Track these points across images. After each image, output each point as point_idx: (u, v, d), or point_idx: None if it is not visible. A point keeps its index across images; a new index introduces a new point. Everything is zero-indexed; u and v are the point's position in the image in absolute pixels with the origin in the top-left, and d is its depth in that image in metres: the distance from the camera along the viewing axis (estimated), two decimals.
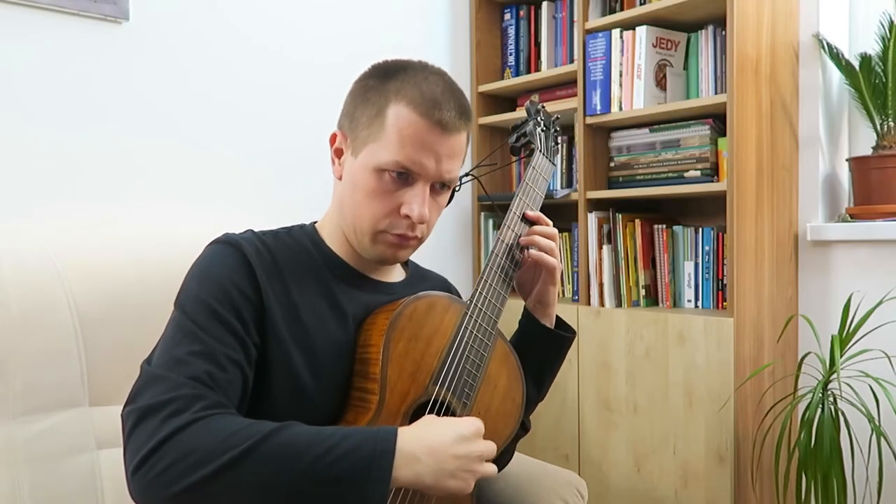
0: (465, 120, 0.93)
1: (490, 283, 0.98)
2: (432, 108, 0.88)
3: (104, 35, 1.44)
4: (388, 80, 0.91)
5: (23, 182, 1.34)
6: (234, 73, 1.66)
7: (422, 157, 0.89)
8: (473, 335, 0.94)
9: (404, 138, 0.88)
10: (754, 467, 1.66)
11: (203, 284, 0.86)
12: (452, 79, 0.95)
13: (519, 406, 1.01)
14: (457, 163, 0.94)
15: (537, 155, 1.11)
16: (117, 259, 1.20)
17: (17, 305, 1.06)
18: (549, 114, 1.21)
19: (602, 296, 1.91)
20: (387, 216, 0.91)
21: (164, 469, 0.72)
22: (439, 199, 0.95)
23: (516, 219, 1.04)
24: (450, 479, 0.79)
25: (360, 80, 0.96)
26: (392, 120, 0.89)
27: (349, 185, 0.93)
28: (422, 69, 0.93)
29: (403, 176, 0.90)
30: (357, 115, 0.93)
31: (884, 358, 1.59)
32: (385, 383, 0.87)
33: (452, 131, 0.90)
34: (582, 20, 1.92)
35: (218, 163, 1.63)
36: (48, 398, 1.07)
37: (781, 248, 1.79)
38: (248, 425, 0.75)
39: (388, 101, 0.90)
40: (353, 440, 0.75)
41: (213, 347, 0.81)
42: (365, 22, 1.92)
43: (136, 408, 0.77)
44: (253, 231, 0.96)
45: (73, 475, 1.07)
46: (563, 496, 1.18)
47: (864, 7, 1.87)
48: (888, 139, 1.72)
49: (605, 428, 1.86)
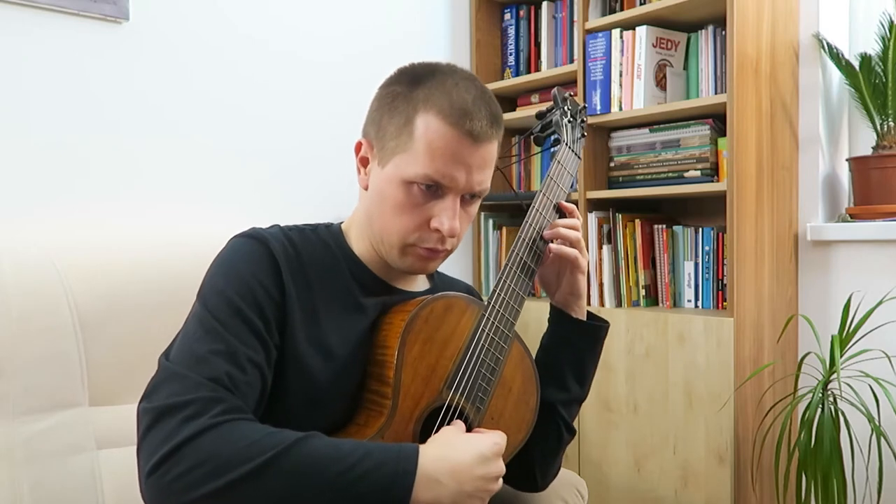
0: (497, 128, 0.89)
1: (508, 284, 0.95)
2: (463, 117, 0.84)
3: (104, 35, 1.44)
4: (416, 88, 0.87)
5: (23, 182, 1.34)
6: (235, 72, 1.66)
7: (452, 170, 0.85)
8: (490, 338, 0.92)
9: (434, 150, 0.84)
10: (754, 467, 1.66)
11: (228, 279, 0.83)
12: (482, 83, 0.91)
13: (533, 410, 0.98)
14: (488, 173, 0.90)
15: (563, 148, 1.06)
16: (117, 259, 1.20)
17: (17, 306, 1.06)
18: (576, 103, 1.14)
19: (602, 296, 1.91)
20: (416, 230, 0.88)
21: (181, 475, 0.71)
22: (470, 209, 0.92)
23: (539, 215, 1.00)
24: (467, 499, 0.79)
25: (385, 86, 0.91)
26: (421, 130, 0.85)
27: (376, 197, 0.90)
28: (451, 74, 0.88)
29: (433, 189, 0.86)
30: (384, 123, 0.89)
31: (884, 358, 1.58)
32: (399, 388, 0.85)
33: (484, 141, 0.86)
34: (582, 20, 1.92)
35: (218, 162, 1.63)
36: (48, 398, 1.07)
37: (781, 248, 1.79)
38: (267, 434, 0.74)
39: (417, 110, 0.86)
40: (376, 458, 0.75)
41: (234, 347, 0.79)
42: (365, 22, 1.92)
43: (152, 406, 0.75)
44: (279, 227, 0.93)
45: (73, 475, 1.07)
46: (563, 496, 1.17)
47: (864, 7, 1.87)
48: (888, 139, 1.72)
49: (605, 428, 1.86)
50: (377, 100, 0.92)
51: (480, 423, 0.92)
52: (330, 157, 1.81)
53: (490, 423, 0.93)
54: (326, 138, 1.82)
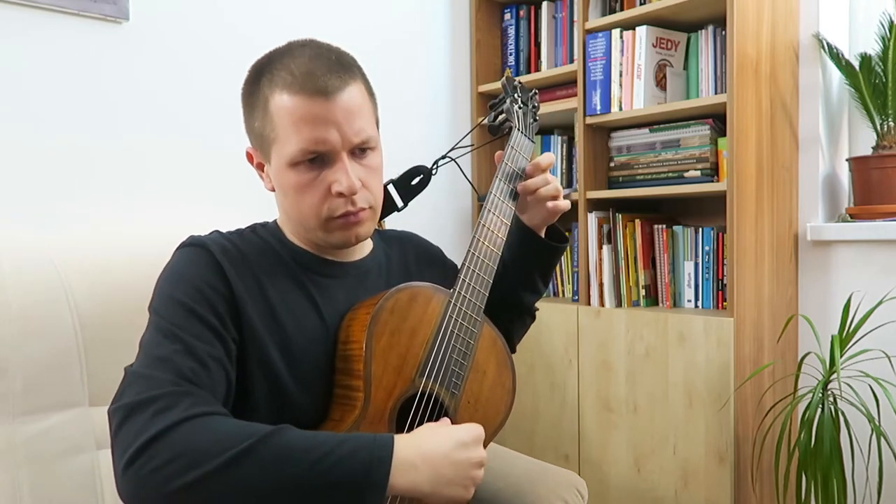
0: (345, 74, 0.89)
1: (473, 270, 0.96)
2: (306, 80, 0.86)
3: (104, 35, 1.44)
4: (260, 77, 0.90)
5: (22, 182, 1.34)
6: (235, 72, 1.65)
7: (321, 133, 0.86)
8: (459, 323, 0.93)
9: (296, 123, 0.86)
10: (754, 467, 1.66)
11: (175, 286, 0.85)
12: (320, 42, 0.92)
13: (510, 391, 1.00)
14: (360, 119, 0.89)
15: (515, 133, 1.09)
16: (117, 259, 1.20)
17: (17, 306, 1.06)
18: (526, 89, 1.17)
19: (602, 296, 1.91)
20: (322, 202, 0.89)
21: (157, 468, 0.71)
22: (367, 161, 0.92)
23: (497, 200, 1.02)
24: (448, 486, 0.79)
25: (241, 90, 0.94)
26: (278, 112, 0.87)
27: (280, 191, 0.93)
28: (287, 51, 0.90)
29: (317, 160, 0.88)
30: (252, 124, 0.92)
31: (884, 358, 1.58)
32: (370, 380, 0.86)
33: (336, 92, 0.87)
34: (582, 20, 1.92)
35: (218, 162, 1.63)
36: (48, 398, 1.07)
37: (781, 248, 1.79)
38: (242, 427, 0.75)
39: (267, 96, 0.88)
40: (350, 446, 0.75)
41: (193, 345, 0.80)
42: (365, 22, 1.92)
43: (121, 405, 0.76)
44: (219, 231, 0.95)
45: (73, 475, 1.07)
46: (563, 496, 1.18)
47: (864, 7, 1.87)
48: (888, 139, 1.72)
49: (605, 428, 1.86)
50: (242, 108, 0.95)
51: (457, 409, 0.93)
52: None
53: (467, 408, 0.94)
54: None
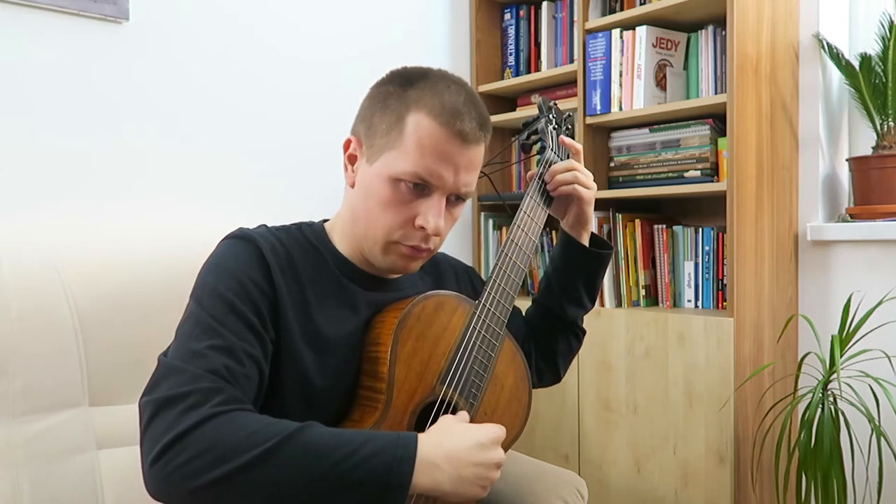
0: (485, 132, 0.91)
1: (500, 284, 0.98)
2: (453, 118, 0.86)
3: (104, 35, 1.44)
4: (409, 88, 0.89)
5: (22, 182, 1.34)
6: (235, 72, 1.66)
7: (440, 169, 0.87)
8: (481, 335, 0.95)
9: (424, 148, 0.86)
10: (754, 467, 1.66)
11: (219, 278, 0.85)
12: (473, 89, 0.93)
13: (525, 406, 1.01)
14: (474, 175, 0.92)
15: (549, 153, 1.10)
16: (117, 259, 1.20)
17: (17, 305, 1.06)
18: (560, 111, 1.19)
19: (602, 296, 1.91)
20: (401, 227, 0.89)
21: (184, 463, 0.72)
22: (454, 211, 0.94)
23: (527, 217, 1.03)
24: (467, 485, 0.80)
25: (378, 86, 0.93)
26: (412, 128, 0.87)
27: (363, 193, 0.91)
28: (442, 78, 0.91)
29: (420, 187, 0.88)
30: (375, 121, 0.90)
31: (884, 358, 1.59)
32: (392, 383, 0.87)
33: (472, 143, 0.89)
34: (582, 20, 1.92)
35: (219, 162, 1.63)
36: (48, 398, 1.07)
37: (781, 248, 1.79)
38: (269, 424, 0.75)
39: (409, 108, 0.88)
40: (375, 445, 0.76)
41: (231, 342, 0.80)
42: (365, 22, 1.92)
43: (153, 398, 0.76)
44: (266, 226, 0.95)
45: (73, 475, 1.07)
46: (563, 496, 1.18)
47: (864, 7, 1.87)
48: (888, 139, 1.72)
49: (605, 428, 1.86)
50: (368, 98, 0.94)
51: (474, 419, 0.93)
52: (331, 157, 1.80)
53: (483, 419, 0.95)
54: (328, 138, 1.81)
